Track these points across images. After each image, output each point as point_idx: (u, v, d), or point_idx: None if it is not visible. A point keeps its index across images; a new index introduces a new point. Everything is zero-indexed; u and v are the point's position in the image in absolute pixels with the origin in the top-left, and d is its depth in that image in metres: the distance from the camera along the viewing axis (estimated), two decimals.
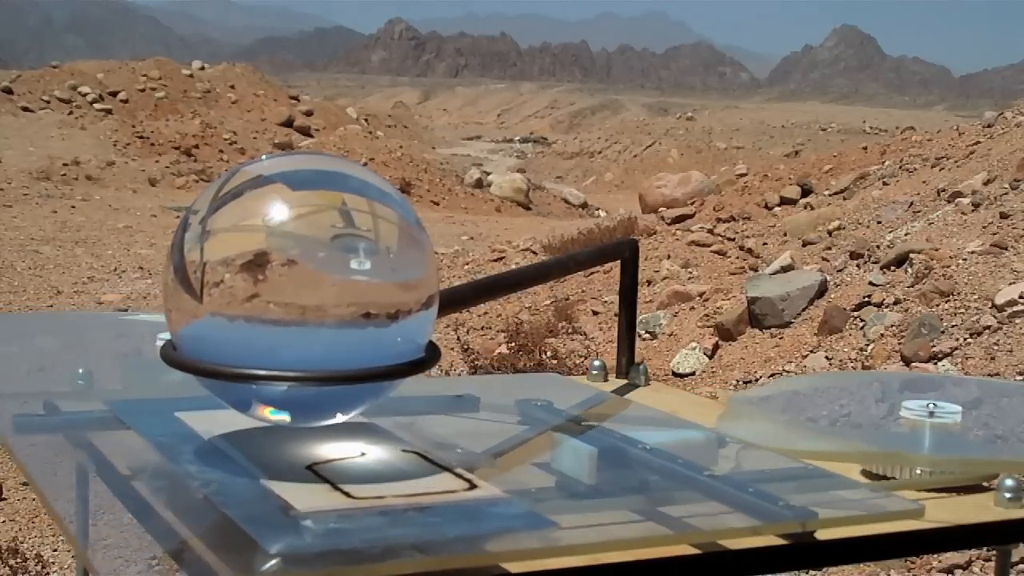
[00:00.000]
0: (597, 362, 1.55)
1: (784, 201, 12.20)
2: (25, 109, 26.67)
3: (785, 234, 9.63)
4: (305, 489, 0.89)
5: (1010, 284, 6.23)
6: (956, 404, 1.27)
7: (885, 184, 10.39)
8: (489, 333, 8.41)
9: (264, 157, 1.05)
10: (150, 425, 1.07)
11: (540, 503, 0.93)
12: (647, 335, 7.65)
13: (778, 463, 1.11)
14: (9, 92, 27.24)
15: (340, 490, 0.89)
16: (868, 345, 6.28)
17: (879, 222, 8.54)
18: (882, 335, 6.29)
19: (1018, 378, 5.42)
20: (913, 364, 5.86)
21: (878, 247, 7.47)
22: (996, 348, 5.78)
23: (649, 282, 8.90)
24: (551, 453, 1.05)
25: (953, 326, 6.07)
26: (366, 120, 33.23)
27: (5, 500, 5.30)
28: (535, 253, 11.36)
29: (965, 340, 5.94)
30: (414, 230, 1.01)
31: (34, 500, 5.30)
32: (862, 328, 6.48)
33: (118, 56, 45.55)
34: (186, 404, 1.07)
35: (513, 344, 7.41)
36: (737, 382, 6.45)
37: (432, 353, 1.02)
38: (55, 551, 4.76)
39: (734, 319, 7.20)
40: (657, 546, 0.90)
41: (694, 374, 6.92)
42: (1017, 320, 5.92)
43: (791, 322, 7.01)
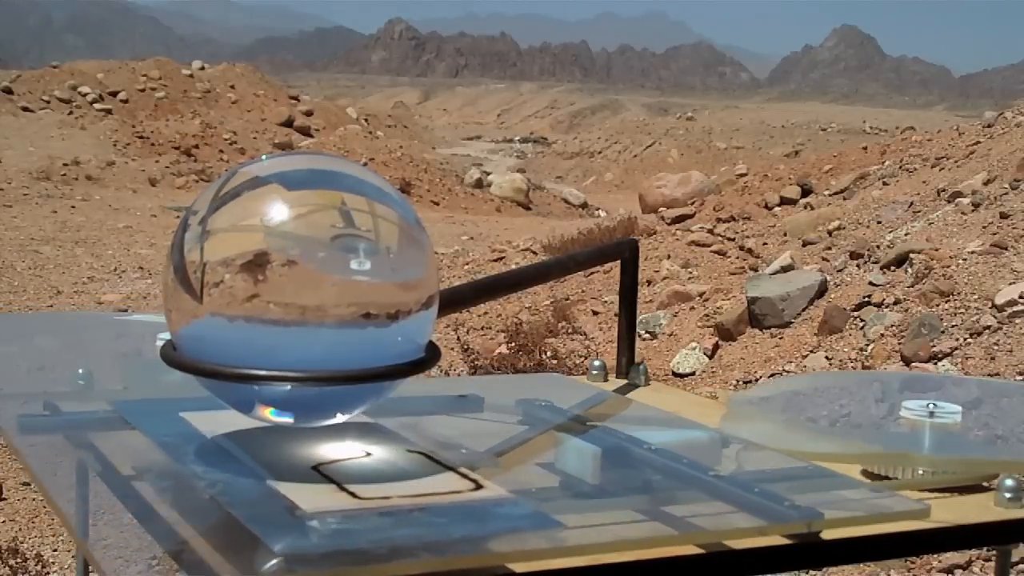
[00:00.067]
0: (597, 362, 1.55)
1: (784, 201, 12.20)
2: (25, 109, 26.65)
3: (785, 234, 9.63)
4: (311, 489, 0.89)
5: (1010, 284, 6.23)
6: (956, 404, 1.27)
7: (885, 184, 10.39)
8: (489, 333, 8.40)
9: (264, 157, 1.05)
10: (155, 425, 1.08)
11: (544, 503, 0.93)
12: (647, 335, 7.65)
13: (781, 463, 1.11)
14: (9, 92, 27.23)
15: (346, 490, 0.89)
16: (868, 345, 6.28)
17: (879, 222, 8.54)
18: (882, 335, 6.29)
19: (1018, 378, 5.41)
20: (913, 364, 5.86)
21: (878, 247, 7.47)
22: (996, 348, 5.78)
23: (649, 282, 8.90)
24: (555, 453, 1.05)
25: (953, 326, 6.07)
26: (366, 120, 33.21)
27: (5, 500, 5.30)
28: (535, 253, 11.35)
29: (965, 340, 5.94)
30: (414, 230, 1.01)
31: (34, 500, 5.30)
32: (862, 328, 6.48)
33: (118, 56, 45.53)
34: (190, 404, 1.07)
35: (513, 344, 7.40)
36: (737, 382, 6.45)
37: (432, 353, 1.02)
38: (55, 551, 4.76)
39: (734, 319, 7.20)
40: (663, 546, 0.90)
41: (694, 374, 6.92)
42: (1017, 320, 5.92)
43: (791, 322, 7.01)
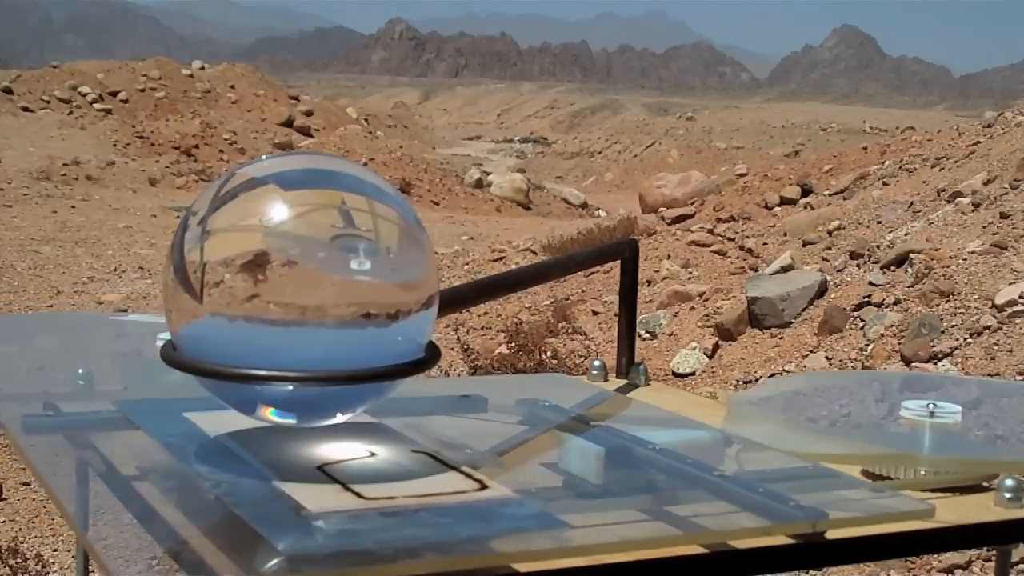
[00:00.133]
0: (597, 362, 1.55)
1: (784, 201, 12.20)
2: (25, 109, 26.66)
3: (785, 234, 9.62)
4: (316, 490, 0.89)
5: (1010, 284, 6.23)
6: (956, 404, 1.27)
7: (885, 184, 10.39)
8: (489, 333, 8.40)
9: (264, 157, 1.05)
10: (159, 425, 1.08)
11: (548, 503, 0.93)
12: (647, 335, 7.65)
13: (784, 463, 1.11)
14: (9, 92, 27.23)
15: (351, 490, 0.89)
16: (868, 345, 6.28)
17: (879, 222, 8.53)
18: (882, 335, 6.29)
19: (1018, 378, 5.41)
20: (913, 364, 5.86)
21: (878, 247, 7.47)
22: (996, 348, 5.78)
23: (649, 282, 8.90)
24: (558, 453, 1.05)
25: (953, 326, 6.07)
26: (366, 120, 33.21)
27: (5, 500, 5.30)
28: (535, 253, 11.35)
29: (965, 340, 5.93)
30: (414, 230, 1.01)
31: (34, 500, 5.30)
32: (862, 328, 6.48)
33: (118, 56, 45.53)
34: (194, 404, 1.07)
35: (513, 344, 7.40)
36: (737, 382, 6.45)
37: (432, 353, 1.02)
38: (55, 551, 4.76)
39: (734, 319, 7.20)
40: (668, 547, 0.90)
41: (694, 374, 6.92)
42: (1017, 320, 5.92)
43: (791, 322, 7.01)
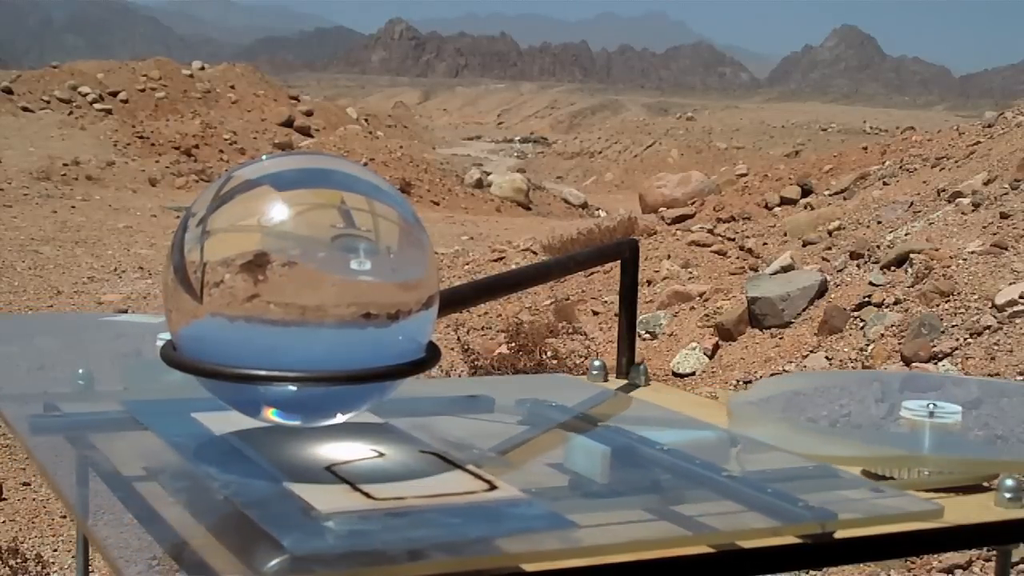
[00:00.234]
0: (597, 362, 1.55)
1: (784, 201, 12.20)
2: (25, 109, 26.66)
3: (785, 234, 9.62)
4: (325, 490, 0.89)
5: (1010, 284, 6.23)
6: (956, 404, 1.27)
7: (885, 184, 10.39)
8: (489, 333, 8.40)
9: (264, 157, 1.05)
10: (167, 426, 1.08)
11: (555, 503, 0.94)
12: (647, 335, 7.64)
13: (789, 463, 1.11)
14: (9, 92, 27.23)
15: (360, 491, 0.89)
16: (868, 345, 6.28)
17: (879, 222, 8.53)
18: (882, 335, 6.29)
19: (1018, 378, 5.41)
20: (913, 364, 5.86)
21: (878, 247, 7.47)
22: (996, 348, 5.78)
23: (649, 282, 8.90)
24: (564, 453, 1.05)
25: (953, 326, 6.06)
26: (366, 120, 33.21)
27: (5, 500, 5.30)
28: (535, 253, 11.35)
29: (965, 340, 5.93)
30: (414, 230, 1.01)
31: (34, 500, 5.30)
32: (862, 328, 6.48)
33: (118, 56, 45.52)
34: (202, 405, 1.07)
35: (513, 344, 7.40)
36: (737, 382, 6.45)
37: (432, 353, 1.02)
38: (55, 551, 4.76)
39: (734, 319, 7.20)
40: (677, 547, 0.90)
41: (694, 374, 6.92)
42: (1017, 320, 5.92)
43: (791, 322, 7.01)
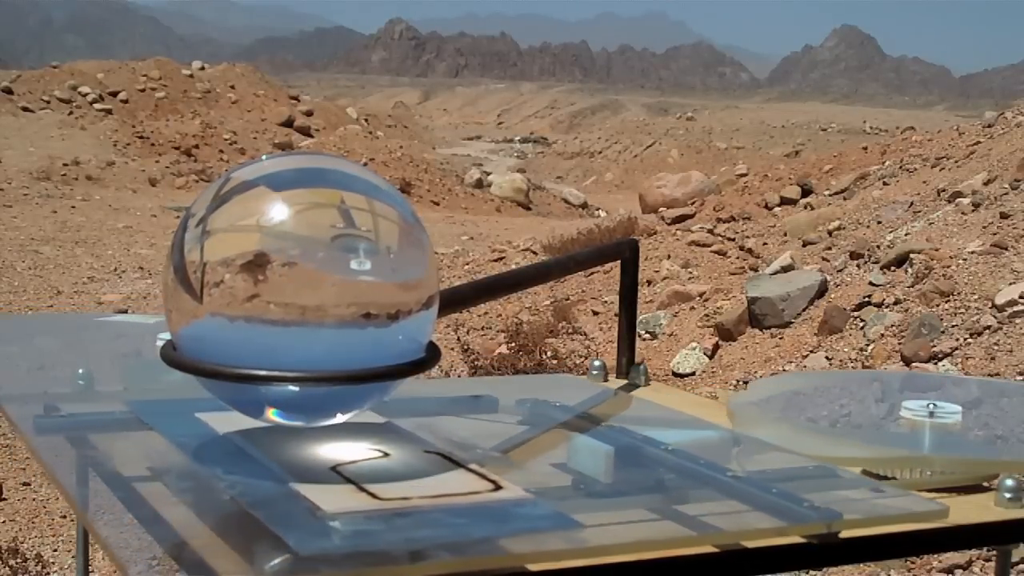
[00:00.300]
0: (597, 362, 1.55)
1: (784, 201, 12.19)
2: (25, 109, 26.66)
3: (785, 234, 9.62)
4: (330, 490, 0.89)
5: (1010, 284, 6.23)
6: (956, 404, 1.27)
7: (885, 184, 10.39)
8: (489, 333, 8.40)
9: (264, 157, 1.05)
10: (172, 426, 1.08)
11: (560, 502, 0.94)
12: (647, 335, 7.64)
13: (791, 463, 1.11)
14: (9, 92, 27.23)
15: (365, 491, 0.89)
16: (868, 345, 6.28)
17: (879, 222, 8.53)
18: (882, 335, 6.29)
19: (1018, 378, 5.41)
20: (913, 364, 5.86)
21: (878, 247, 7.47)
22: (996, 348, 5.78)
23: (649, 282, 8.90)
24: (568, 453, 1.05)
25: (953, 326, 6.06)
26: (366, 120, 33.21)
27: (5, 500, 5.30)
28: (535, 253, 11.35)
29: (965, 340, 5.93)
30: (414, 230, 1.01)
31: (34, 500, 5.30)
32: (862, 328, 6.48)
33: (118, 56, 45.52)
34: (207, 405, 1.06)
35: (513, 344, 7.40)
36: (737, 382, 6.44)
37: (432, 353, 1.02)
38: (55, 551, 4.76)
39: (734, 319, 7.20)
40: (683, 547, 0.90)
41: (694, 374, 6.92)
42: (1017, 320, 5.92)
43: (791, 322, 7.00)
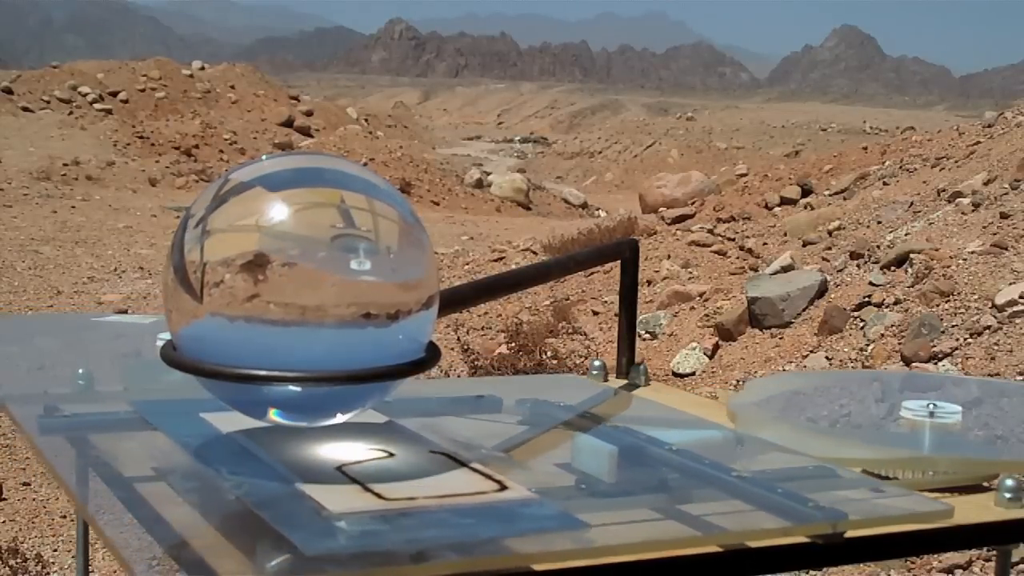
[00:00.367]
0: (597, 362, 1.55)
1: (784, 201, 12.19)
2: (25, 109, 26.66)
3: (785, 234, 9.62)
4: (336, 490, 0.89)
5: (1010, 284, 6.22)
6: (956, 404, 1.27)
7: (885, 184, 10.39)
8: (489, 333, 8.40)
9: (264, 157, 1.05)
10: (177, 426, 1.08)
11: (564, 502, 0.94)
12: (647, 335, 7.64)
13: (793, 462, 1.11)
14: (9, 92, 27.23)
15: (371, 491, 0.89)
16: (868, 345, 6.28)
17: (879, 222, 8.53)
18: (882, 335, 6.29)
19: (1018, 378, 5.41)
20: (913, 364, 5.86)
21: (878, 247, 7.47)
22: (996, 348, 5.78)
23: (649, 282, 8.89)
24: (571, 453, 1.06)
25: (953, 326, 6.06)
26: (366, 120, 33.21)
27: (5, 500, 5.30)
28: (535, 253, 11.34)
29: (965, 340, 5.93)
30: (414, 230, 1.01)
31: (34, 500, 5.30)
32: (862, 328, 6.48)
33: (118, 56, 45.53)
34: (212, 405, 1.06)
35: (513, 344, 7.40)
36: (737, 382, 6.44)
37: (432, 353, 1.02)
38: (55, 551, 4.76)
39: (734, 319, 7.20)
40: (688, 547, 0.90)
41: (694, 374, 6.92)
42: (1017, 320, 5.92)
43: (791, 322, 7.00)
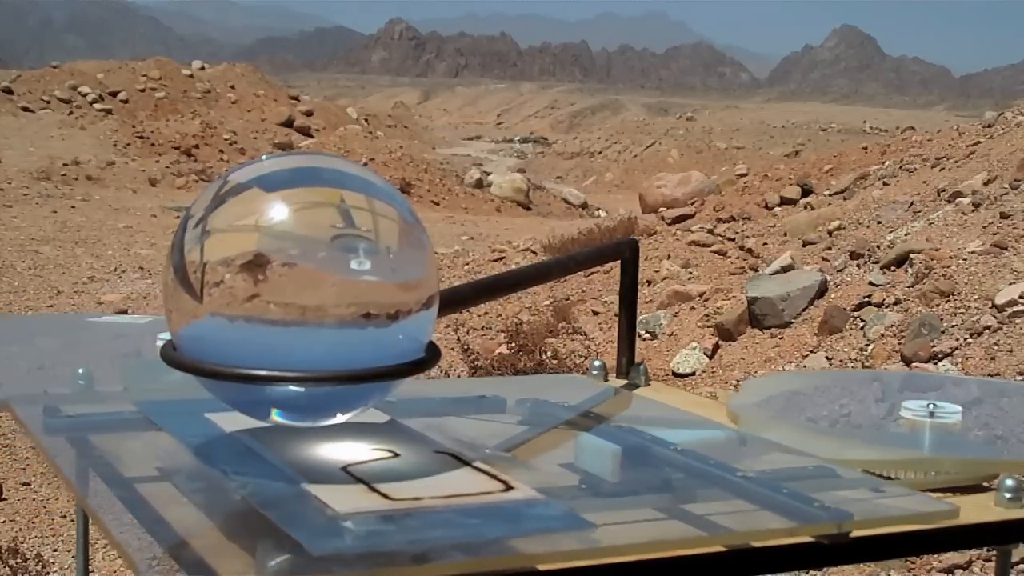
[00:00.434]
0: (597, 362, 1.55)
1: (784, 201, 12.19)
2: (25, 109, 26.66)
3: (785, 234, 9.62)
4: (342, 490, 0.89)
5: (1010, 284, 6.22)
6: (956, 404, 1.27)
7: (885, 184, 10.39)
8: (489, 333, 8.40)
9: (264, 157, 1.05)
10: (181, 426, 1.08)
11: (569, 502, 0.94)
12: (647, 335, 7.64)
13: (794, 462, 1.11)
14: (9, 92, 27.23)
15: (377, 491, 0.89)
16: (868, 345, 6.28)
17: (879, 222, 8.53)
18: (882, 335, 6.29)
19: (1018, 378, 5.41)
20: (913, 364, 5.86)
21: (878, 247, 7.47)
22: (996, 348, 5.78)
23: (649, 282, 8.89)
24: (575, 452, 1.06)
25: (953, 326, 6.06)
26: (366, 120, 33.21)
27: (5, 500, 5.30)
28: (535, 253, 11.34)
29: (965, 340, 5.93)
30: (414, 230, 1.01)
31: (34, 500, 5.30)
32: (862, 328, 6.48)
33: (118, 56, 45.52)
34: (216, 405, 1.06)
35: (513, 344, 7.40)
36: (737, 382, 6.45)
37: (432, 353, 1.02)
38: (55, 551, 4.76)
39: (734, 319, 7.20)
40: (694, 547, 0.90)
41: (694, 374, 6.92)
42: (1017, 320, 5.92)
43: (791, 322, 7.00)
